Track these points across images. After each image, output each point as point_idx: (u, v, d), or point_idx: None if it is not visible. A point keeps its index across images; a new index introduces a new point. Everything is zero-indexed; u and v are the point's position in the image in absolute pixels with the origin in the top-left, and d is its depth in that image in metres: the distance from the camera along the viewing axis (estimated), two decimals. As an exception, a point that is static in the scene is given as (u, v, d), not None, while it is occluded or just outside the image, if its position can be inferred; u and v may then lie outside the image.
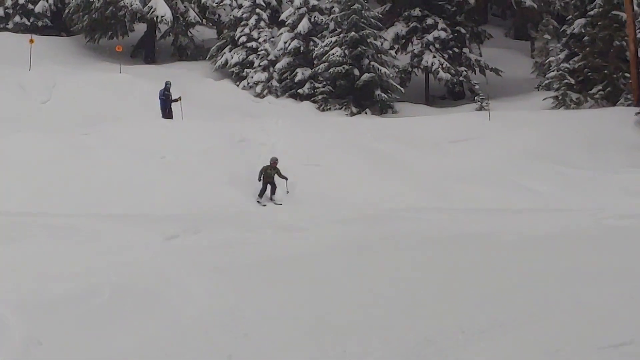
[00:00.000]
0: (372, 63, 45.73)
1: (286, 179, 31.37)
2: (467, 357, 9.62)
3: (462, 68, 50.20)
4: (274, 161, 31.80)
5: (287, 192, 31.46)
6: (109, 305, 12.94)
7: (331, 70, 45.77)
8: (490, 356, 9.61)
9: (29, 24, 58.05)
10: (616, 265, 13.83)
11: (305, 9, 48.37)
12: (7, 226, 20.31)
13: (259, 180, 31.42)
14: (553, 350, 9.54)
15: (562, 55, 45.83)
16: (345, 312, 12.07)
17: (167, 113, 38.68)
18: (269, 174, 31.34)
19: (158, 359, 10.23)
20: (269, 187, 31.60)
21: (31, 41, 49.84)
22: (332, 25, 47.09)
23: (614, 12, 43.07)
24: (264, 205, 30.24)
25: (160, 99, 38.94)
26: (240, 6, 51.07)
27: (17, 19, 58.13)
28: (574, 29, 45.97)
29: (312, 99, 46.70)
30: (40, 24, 58.43)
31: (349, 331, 11.02)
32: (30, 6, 58.36)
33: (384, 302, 12.50)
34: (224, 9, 53.29)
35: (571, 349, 9.48)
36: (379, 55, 46.42)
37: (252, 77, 48.92)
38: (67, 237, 19.24)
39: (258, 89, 48.34)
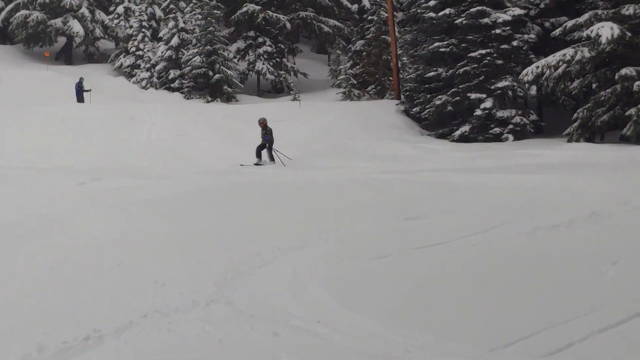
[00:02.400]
0: (221, 67, 45.48)
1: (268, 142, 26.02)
2: (279, 263, 9.74)
3: (282, 72, 50.25)
4: (261, 121, 26.36)
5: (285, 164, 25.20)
6: (38, 229, 12.74)
7: (193, 71, 45.46)
8: (298, 260, 9.72)
9: (-18, 36, 56.76)
10: (377, 203, 14.08)
11: (176, 29, 47.89)
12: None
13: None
14: (338, 259, 9.70)
15: (348, 65, 46.17)
16: (199, 230, 12.09)
17: (80, 99, 38.81)
18: (262, 134, 26.01)
19: (71, 263, 10.14)
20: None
21: (-17, 48, 49.17)
22: (194, 41, 46.69)
23: (383, 36, 43.51)
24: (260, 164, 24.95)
25: (75, 89, 39.27)
26: (131, 27, 50.48)
27: (-27, 33, 56.82)
28: (356, 47, 46.31)
29: (180, 91, 46.34)
30: (-9, 36, 57.04)
31: (202, 243, 11.05)
32: (-18, 23, 57.10)
33: (226, 226, 12.53)
34: (120, 28, 52.51)
35: (350, 260, 9.64)
36: (226, 62, 46.18)
37: (139, 75, 48.33)
38: (5, 182, 18.80)
39: (143, 83, 47.78)
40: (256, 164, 25.03)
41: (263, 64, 49.41)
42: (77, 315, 7.83)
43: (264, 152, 26.06)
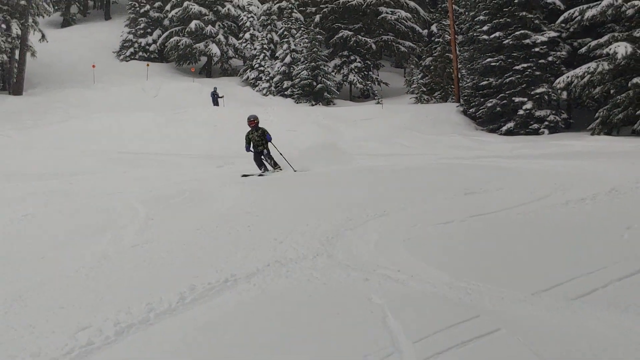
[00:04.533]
0: (322, 79, 45.62)
1: (268, 142, 18.10)
2: (368, 226, 9.75)
3: (369, 82, 50.27)
4: (251, 120, 18.17)
5: (294, 170, 17.72)
6: (188, 200, 12.99)
7: (301, 82, 45.71)
8: (382, 224, 9.71)
9: (146, 56, 57.88)
10: (443, 181, 13.95)
11: (288, 50, 48.16)
12: (135, 159, 20.27)
13: (247, 150, 18.21)
14: (413, 224, 9.67)
15: (419, 76, 45.77)
16: (308, 202, 12.14)
17: (215, 103, 39.43)
18: (254, 139, 18.00)
19: (212, 225, 10.33)
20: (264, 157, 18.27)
21: (147, 65, 50.79)
22: (302, 59, 46.87)
23: (446, 54, 43.15)
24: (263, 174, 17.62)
25: (211, 96, 39.84)
26: (255, 49, 51.01)
27: (140, 54, 58.19)
28: (426, 62, 45.93)
29: (291, 97, 46.64)
30: (152, 56, 58.16)
31: (310, 211, 11.06)
32: (147, 47, 58.48)
33: (327, 199, 12.55)
34: (247, 50, 53.00)
35: (421, 225, 9.59)
36: (326, 75, 46.27)
37: (261, 85, 48.86)
38: (165, 165, 19.22)
39: (264, 91, 48.28)
40: (260, 174, 17.62)
41: (354, 76, 49.49)
42: (218, 264, 8.00)
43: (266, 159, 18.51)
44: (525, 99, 31.59)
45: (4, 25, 46.91)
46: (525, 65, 31.74)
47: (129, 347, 5.69)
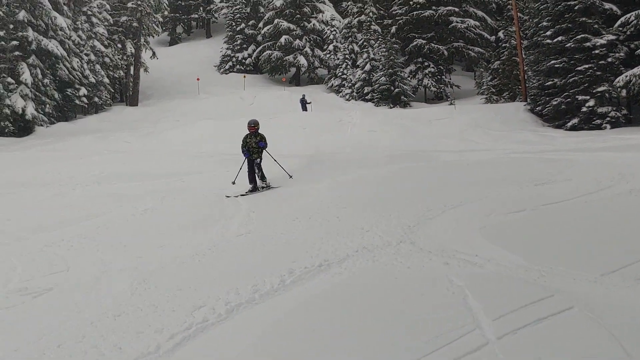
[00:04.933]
0: (399, 84, 45.25)
1: (262, 151, 15.19)
2: (446, 216, 9.68)
3: (442, 85, 49.50)
4: (251, 125, 15.31)
5: (290, 176, 15.65)
6: (283, 194, 13.14)
7: (380, 87, 45.46)
8: (459, 214, 9.63)
9: (243, 68, 58.59)
10: (513, 173, 13.69)
11: (368, 59, 47.96)
12: (235, 160, 20.57)
13: (244, 155, 15.36)
14: (488, 213, 9.55)
15: (488, 78, 44.84)
16: (391, 194, 12.11)
17: (304, 109, 39.63)
18: (251, 145, 15.01)
19: (305, 216, 10.42)
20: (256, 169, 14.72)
21: (244, 77, 51.36)
22: (381, 67, 46.64)
23: (513, 58, 42.14)
24: (244, 194, 13.95)
25: (300, 102, 40.10)
26: (338, 59, 51.04)
27: (238, 67, 58.91)
28: (494, 66, 44.99)
29: (371, 101, 46.46)
30: (248, 68, 58.85)
31: (393, 202, 11.03)
32: (243, 60, 59.23)
33: (409, 191, 12.50)
34: (331, 60, 53.13)
35: (495, 213, 9.47)
36: (402, 80, 45.88)
37: (343, 92, 48.82)
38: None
39: (346, 97, 48.20)
40: (250, 191, 14.30)
41: (428, 80, 48.80)
42: (312, 250, 8.10)
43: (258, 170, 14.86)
44: (588, 97, 30.67)
45: (119, 45, 48.66)
46: (586, 66, 30.82)
47: (239, 323, 5.84)
